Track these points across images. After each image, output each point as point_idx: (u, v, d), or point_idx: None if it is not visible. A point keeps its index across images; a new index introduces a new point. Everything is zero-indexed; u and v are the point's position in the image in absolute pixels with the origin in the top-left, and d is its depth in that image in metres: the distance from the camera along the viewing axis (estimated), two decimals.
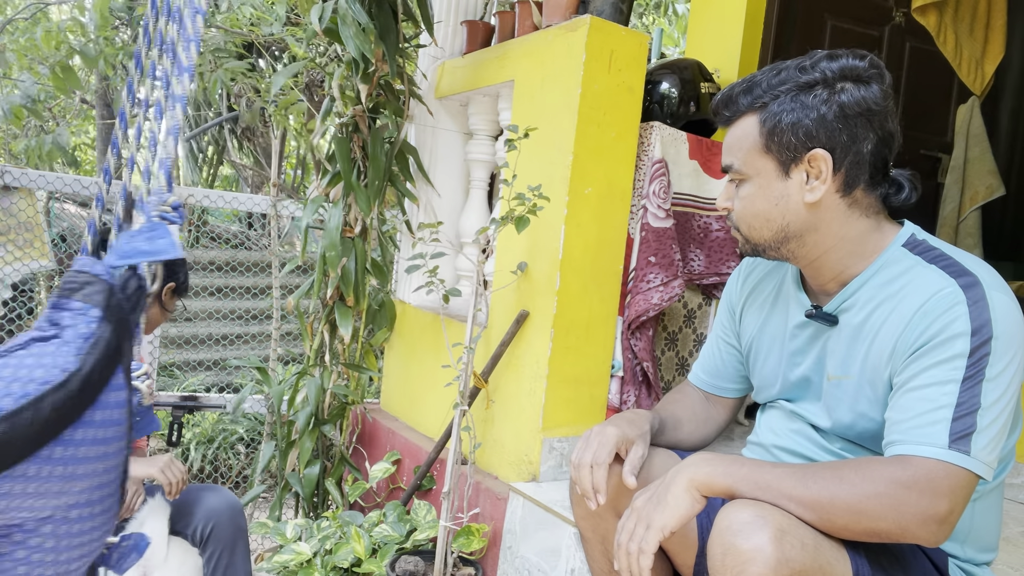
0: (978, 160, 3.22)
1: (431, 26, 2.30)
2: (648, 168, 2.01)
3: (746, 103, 1.14)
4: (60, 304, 0.82)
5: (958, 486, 0.94)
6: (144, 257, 0.82)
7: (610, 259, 1.94)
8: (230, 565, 1.79)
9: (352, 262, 2.26)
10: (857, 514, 0.94)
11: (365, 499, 2.38)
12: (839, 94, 1.08)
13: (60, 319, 0.81)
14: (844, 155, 1.09)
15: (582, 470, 1.21)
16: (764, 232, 1.16)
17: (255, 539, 2.63)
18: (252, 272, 4.01)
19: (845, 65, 1.09)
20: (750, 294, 1.36)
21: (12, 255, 2.79)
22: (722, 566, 0.95)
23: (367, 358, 2.49)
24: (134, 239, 0.81)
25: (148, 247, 0.82)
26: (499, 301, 2.03)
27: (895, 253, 1.12)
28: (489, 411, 2.04)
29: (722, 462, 1.03)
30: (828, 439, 1.20)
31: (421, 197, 2.50)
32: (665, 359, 2.28)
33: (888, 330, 1.07)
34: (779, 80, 1.12)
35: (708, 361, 1.46)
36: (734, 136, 1.17)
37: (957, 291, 1.01)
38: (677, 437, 1.39)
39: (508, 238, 2.01)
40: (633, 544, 1.03)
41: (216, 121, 6.03)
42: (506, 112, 2.15)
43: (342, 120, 2.27)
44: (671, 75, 2.20)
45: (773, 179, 1.13)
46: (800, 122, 1.09)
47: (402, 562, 1.82)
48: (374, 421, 2.58)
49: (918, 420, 0.98)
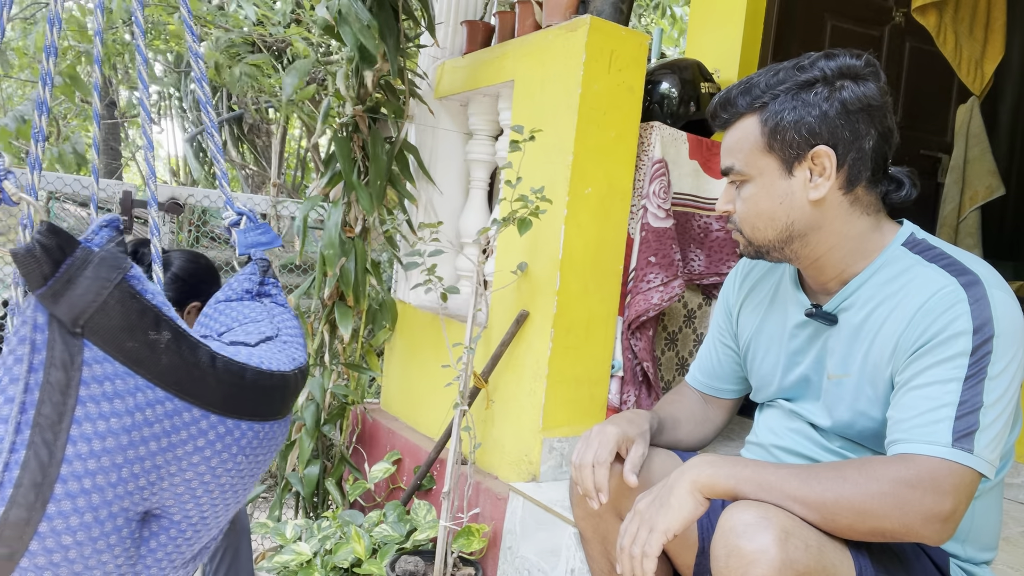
0: (978, 160, 3.22)
1: (433, 26, 2.30)
2: (648, 168, 2.00)
3: (745, 104, 1.14)
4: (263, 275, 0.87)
5: (962, 484, 0.94)
6: (264, 246, 0.87)
7: (610, 259, 1.94)
8: (232, 565, 1.79)
9: (352, 262, 2.26)
10: (861, 514, 0.94)
11: (365, 499, 2.37)
12: (839, 91, 1.08)
13: (267, 290, 0.86)
14: (846, 152, 1.09)
15: (583, 470, 1.21)
16: (768, 232, 1.16)
17: (255, 539, 2.62)
18: None
19: (843, 63, 1.10)
20: (747, 295, 1.36)
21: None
22: (726, 567, 0.95)
23: (368, 358, 2.48)
24: (249, 233, 0.86)
25: (265, 238, 0.87)
26: (499, 301, 2.03)
27: (895, 252, 1.12)
28: (489, 411, 2.04)
29: (725, 463, 1.03)
30: (828, 438, 1.20)
31: (421, 197, 2.50)
32: (665, 359, 2.27)
33: (889, 329, 1.07)
34: (778, 80, 1.12)
35: (705, 362, 1.46)
36: (734, 138, 1.17)
37: (958, 289, 1.01)
38: (676, 437, 1.39)
39: (508, 238, 2.01)
40: (636, 547, 1.03)
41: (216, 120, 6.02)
42: (506, 112, 2.15)
43: (342, 120, 2.27)
44: (671, 75, 2.20)
45: (776, 178, 1.13)
46: (803, 119, 1.09)
47: (402, 562, 1.82)
48: (374, 421, 2.58)
49: (921, 419, 0.98)
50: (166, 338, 0.62)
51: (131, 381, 0.60)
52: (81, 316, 0.58)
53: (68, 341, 0.58)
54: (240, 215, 0.88)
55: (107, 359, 0.59)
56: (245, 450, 0.67)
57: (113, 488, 0.59)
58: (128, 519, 0.61)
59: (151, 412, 0.61)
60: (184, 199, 3.06)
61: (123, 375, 0.60)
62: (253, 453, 0.69)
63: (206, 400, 0.64)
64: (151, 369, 0.61)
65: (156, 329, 0.61)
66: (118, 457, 0.59)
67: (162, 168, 8.16)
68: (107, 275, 0.59)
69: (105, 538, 0.58)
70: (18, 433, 0.54)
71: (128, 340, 0.60)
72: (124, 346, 0.60)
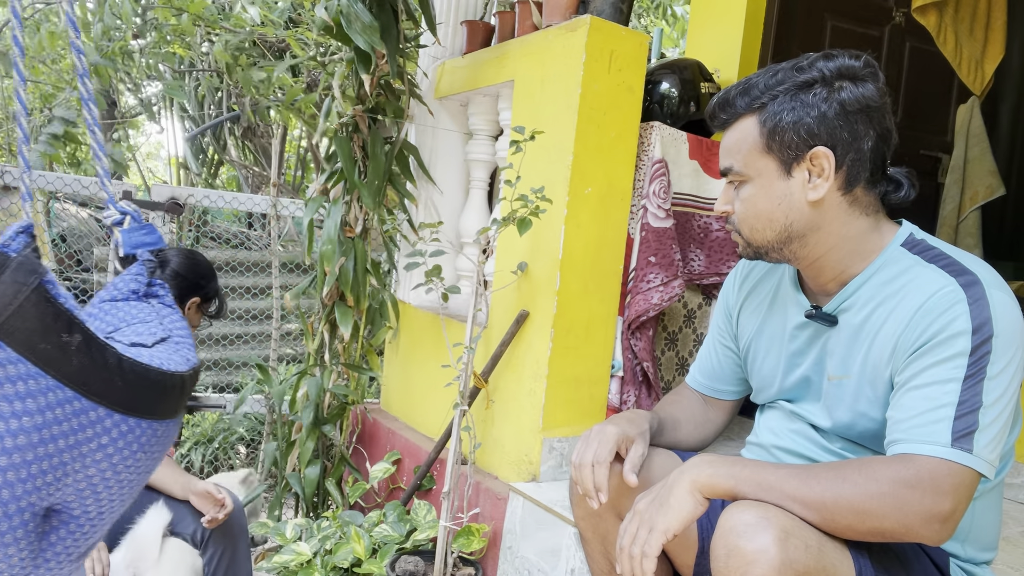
0: (978, 160, 3.22)
1: (433, 26, 2.30)
2: (648, 168, 2.01)
3: (744, 105, 1.14)
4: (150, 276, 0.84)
5: (961, 484, 0.94)
6: (149, 246, 0.85)
7: (610, 259, 1.94)
8: (231, 565, 1.79)
9: (352, 262, 2.26)
10: (861, 514, 0.94)
11: (365, 499, 2.38)
12: (838, 92, 1.08)
13: (155, 291, 0.84)
14: (845, 152, 1.09)
15: (583, 469, 1.21)
16: (767, 233, 1.16)
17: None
18: (252, 272, 4.01)
19: (842, 64, 1.10)
20: (747, 296, 1.36)
21: None
22: (726, 568, 0.95)
23: (367, 358, 2.49)
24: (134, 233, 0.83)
25: (150, 238, 0.85)
26: (499, 301, 2.03)
27: (894, 252, 1.12)
28: (489, 411, 2.04)
29: (724, 463, 1.03)
30: (828, 439, 1.20)
31: (421, 197, 2.50)
32: (665, 359, 2.28)
33: (888, 329, 1.07)
34: (776, 80, 1.12)
35: (705, 364, 1.46)
36: (732, 138, 1.17)
37: (957, 290, 1.01)
38: (676, 438, 1.39)
39: (508, 238, 2.01)
40: (636, 547, 1.03)
41: (216, 121, 6.03)
42: (506, 112, 2.15)
43: (342, 120, 2.27)
44: (671, 75, 2.20)
45: (775, 179, 1.13)
46: (801, 120, 1.09)
47: (402, 562, 1.82)
48: (374, 421, 2.58)
49: (920, 419, 0.99)
50: (77, 340, 0.64)
51: (42, 381, 0.62)
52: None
53: None
54: (124, 214, 0.86)
55: (20, 360, 0.60)
56: (144, 447, 0.70)
57: (23, 484, 0.61)
58: (33, 514, 0.64)
59: (60, 411, 0.63)
60: (184, 199, 3.06)
61: (35, 375, 0.61)
62: (151, 450, 0.72)
63: (111, 399, 0.66)
64: (61, 370, 0.63)
65: (69, 332, 0.63)
66: (28, 454, 0.61)
67: (162, 168, 8.16)
68: (23, 279, 0.60)
69: (12, 532, 0.61)
70: None
71: (41, 342, 0.62)
72: (37, 347, 0.61)
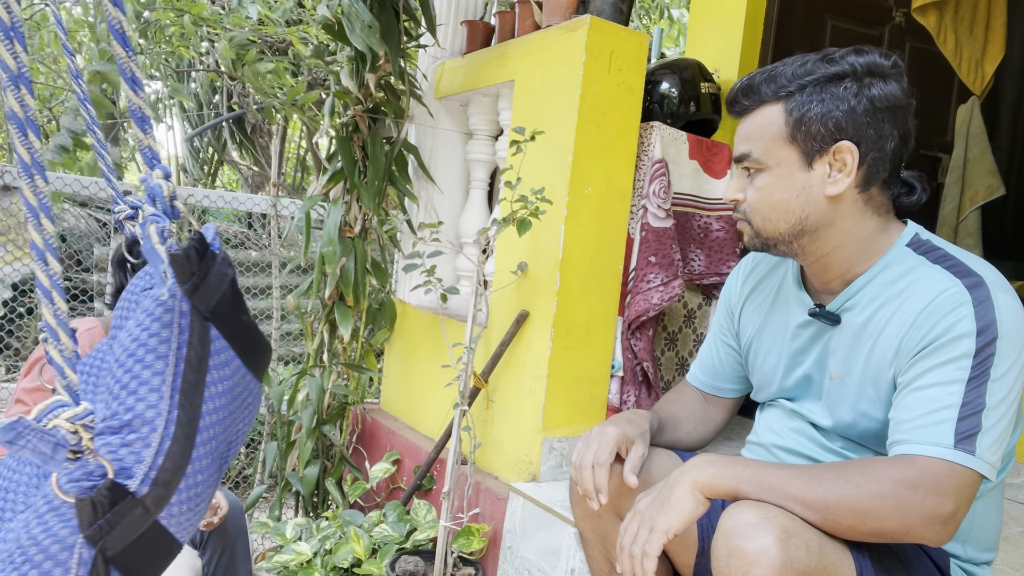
0: (978, 160, 3.22)
1: (433, 26, 2.30)
2: (648, 168, 2.00)
3: (770, 92, 1.12)
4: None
5: (963, 486, 0.94)
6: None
7: (610, 259, 1.94)
8: (231, 566, 1.79)
9: (352, 262, 2.26)
10: (862, 515, 0.94)
11: (365, 499, 2.37)
12: (868, 88, 1.07)
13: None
14: (868, 150, 1.08)
15: (583, 470, 1.20)
16: (780, 224, 1.14)
17: (255, 539, 2.62)
18: (252, 272, 4.01)
19: (872, 61, 1.08)
20: (749, 294, 1.36)
21: (12, 255, 2.79)
22: (727, 568, 0.95)
23: (367, 358, 2.48)
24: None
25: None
26: (499, 301, 2.03)
27: (899, 252, 1.11)
28: (489, 411, 2.04)
29: (725, 463, 1.03)
30: (829, 438, 1.20)
31: (421, 197, 2.50)
32: (665, 359, 2.27)
33: (892, 329, 1.07)
34: (805, 70, 1.10)
35: (706, 361, 1.45)
36: (753, 125, 1.14)
37: (962, 291, 1.01)
38: (676, 437, 1.39)
39: (508, 238, 2.01)
40: (636, 547, 1.02)
41: (216, 120, 6.02)
42: (506, 112, 2.15)
43: (343, 120, 2.27)
44: (671, 75, 2.20)
45: (795, 170, 1.11)
46: (830, 113, 1.08)
47: (402, 562, 1.82)
48: (374, 421, 2.57)
49: (923, 420, 0.98)
50: (246, 319, 0.80)
51: (230, 355, 0.77)
52: (210, 304, 0.74)
53: (202, 324, 0.74)
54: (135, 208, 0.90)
55: (219, 337, 0.76)
56: (254, 405, 0.87)
57: (223, 435, 0.78)
58: (223, 452, 0.81)
59: (238, 377, 0.79)
60: (184, 199, 3.06)
61: (227, 349, 0.77)
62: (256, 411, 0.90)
63: (257, 368, 0.83)
64: (238, 344, 0.78)
65: (245, 312, 0.79)
66: (224, 412, 0.77)
67: None
68: (225, 271, 0.75)
69: (217, 473, 0.78)
70: (172, 398, 0.71)
71: (231, 321, 0.77)
72: (228, 326, 0.77)
